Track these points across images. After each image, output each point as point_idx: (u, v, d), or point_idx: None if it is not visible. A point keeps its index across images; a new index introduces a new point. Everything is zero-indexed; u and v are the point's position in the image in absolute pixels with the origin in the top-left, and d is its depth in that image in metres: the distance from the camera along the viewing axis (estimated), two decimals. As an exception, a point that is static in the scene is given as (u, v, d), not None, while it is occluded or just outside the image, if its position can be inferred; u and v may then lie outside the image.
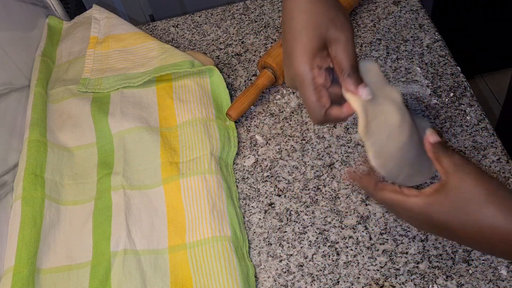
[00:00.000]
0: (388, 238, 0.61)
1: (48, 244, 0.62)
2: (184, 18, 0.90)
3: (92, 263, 0.60)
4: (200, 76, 0.77)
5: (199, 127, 0.70)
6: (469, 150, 0.66)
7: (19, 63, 0.77)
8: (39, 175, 0.65)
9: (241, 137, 0.72)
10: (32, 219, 0.61)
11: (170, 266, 0.60)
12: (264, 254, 0.62)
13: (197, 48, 0.85)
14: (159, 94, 0.75)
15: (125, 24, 0.85)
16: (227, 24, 0.87)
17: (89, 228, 0.63)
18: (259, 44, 0.83)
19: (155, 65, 0.77)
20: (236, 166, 0.70)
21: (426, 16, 0.81)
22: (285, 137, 0.71)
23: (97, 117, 0.73)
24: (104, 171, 0.68)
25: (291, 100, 0.75)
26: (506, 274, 0.57)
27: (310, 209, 0.64)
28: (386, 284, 0.58)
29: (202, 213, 0.62)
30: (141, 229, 0.62)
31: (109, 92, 0.76)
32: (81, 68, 0.80)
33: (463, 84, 0.72)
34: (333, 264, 0.60)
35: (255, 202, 0.66)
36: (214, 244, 0.60)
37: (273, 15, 0.87)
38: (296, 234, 0.63)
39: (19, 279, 0.56)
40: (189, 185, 0.65)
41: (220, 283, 0.57)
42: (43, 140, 0.70)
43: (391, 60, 0.76)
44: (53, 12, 0.91)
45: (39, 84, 0.76)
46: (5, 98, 0.71)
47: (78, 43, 0.85)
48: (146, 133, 0.70)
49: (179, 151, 0.69)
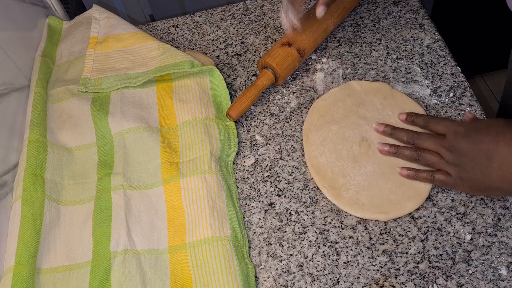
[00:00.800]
0: (388, 238, 0.61)
1: (48, 244, 0.62)
2: (184, 18, 0.90)
3: (92, 263, 0.60)
4: (200, 76, 0.77)
5: (199, 127, 0.70)
6: (469, 150, 0.66)
7: (19, 63, 0.77)
8: (39, 175, 0.65)
9: (241, 137, 0.72)
10: (32, 219, 0.61)
11: (170, 266, 0.60)
12: (264, 254, 0.62)
13: (197, 48, 0.85)
14: (159, 94, 0.75)
15: (125, 24, 0.85)
16: (227, 24, 0.87)
17: (89, 228, 0.63)
18: (259, 44, 0.83)
19: (155, 65, 0.77)
20: (236, 166, 0.70)
21: (426, 16, 0.81)
22: (285, 137, 0.72)
23: (97, 117, 0.73)
24: (104, 171, 0.68)
25: (291, 100, 0.75)
26: (506, 274, 0.57)
27: (310, 209, 0.64)
28: (386, 284, 0.58)
29: (202, 213, 0.62)
30: (141, 229, 0.62)
31: (109, 92, 0.76)
32: (81, 68, 0.80)
33: (463, 84, 0.72)
34: (333, 264, 0.60)
35: (255, 202, 0.66)
36: (214, 244, 0.60)
37: (273, 15, 0.87)
38: (296, 234, 0.63)
39: (19, 279, 0.56)
40: (189, 185, 0.65)
41: (220, 283, 0.57)
42: (43, 140, 0.70)
43: (391, 60, 0.77)
44: (53, 12, 0.91)
45: (39, 84, 0.76)
46: (5, 98, 0.71)
47: (78, 43, 0.85)
48: (146, 133, 0.70)
49: (179, 151, 0.69)
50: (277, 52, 0.74)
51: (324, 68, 0.78)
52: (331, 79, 0.76)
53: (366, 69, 0.76)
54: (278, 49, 0.75)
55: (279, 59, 0.74)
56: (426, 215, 0.62)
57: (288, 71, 0.75)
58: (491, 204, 0.61)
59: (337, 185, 0.64)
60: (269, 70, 0.74)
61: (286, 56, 0.74)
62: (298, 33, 0.76)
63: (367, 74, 0.75)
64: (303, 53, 0.75)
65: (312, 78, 0.77)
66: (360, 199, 0.63)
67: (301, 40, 0.75)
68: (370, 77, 0.75)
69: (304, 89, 0.76)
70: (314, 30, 0.76)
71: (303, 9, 0.74)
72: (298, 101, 0.75)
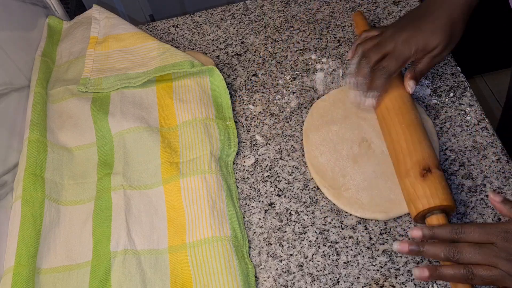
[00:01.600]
0: (388, 238, 0.61)
1: (48, 244, 0.62)
2: (184, 18, 0.90)
3: (92, 263, 0.60)
4: (200, 76, 0.77)
5: (199, 127, 0.70)
6: (469, 150, 0.66)
7: (19, 63, 0.77)
8: (39, 175, 0.65)
9: (241, 137, 0.72)
10: (32, 219, 0.61)
11: (170, 266, 0.60)
12: (264, 254, 0.62)
13: (197, 48, 0.85)
14: (159, 94, 0.75)
15: (125, 24, 0.85)
16: (227, 24, 0.87)
17: (89, 228, 0.63)
18: (259, 44, 0.83)
19: (155, 65, 0.77)
20: (236, 166, 0.70)
21: (426, 16, 0.81)
22: (285, 137, 0.72)
23: (97, 117, 0.73)
24: (104, 171, 0.68)
25: (291, 100, 0.75)
26: (506, 274, 0.57)
27: (310, 209, 0.64)
28: (386, 284, 0.58)
29: (202, 213, 0.62)
30: (141, 229, 0.62)
31: (109, 92, 0.76)
32: (81, 68, 0.80)
33: (463, 84, 0.72)
34: (333, 264, 0.60)
35: (255, 202, 0.66)
36: (214, 244, 0.60)
37: (273, 15, 0.87)
38: (296, 234, 0.63)
39: (19, 279, 0.56)
40: (189, 185, 0.65)
41: (220, 283, 0.57)
42: (43, 140, 0.70)
43: (391, 60, 0.76)
44: (53, 12, 0.91)
45: (39, 84, 0.76)
46: (5, 98, 0.71)
47: (78, 43, 0.85)
48: (146, 133, 0.70)
49: (179, 151, 0.69)
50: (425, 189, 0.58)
51: (324, 68, 0.78)
52: (331, 79, 0.76)
53: (366, 69, 0.76)
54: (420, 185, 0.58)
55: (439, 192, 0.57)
56: (426, 215, 0.62)
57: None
58: (491, 204, 0.61)
59: (337, 185, 0.64)
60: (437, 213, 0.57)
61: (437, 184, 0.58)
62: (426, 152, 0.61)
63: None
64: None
65: (312, 78, 0.77)
66: (360, 198, 0.63)
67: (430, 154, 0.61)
68: (370, 77, 0.75)
69: (304, 89, 0.76)
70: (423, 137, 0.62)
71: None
72: (298, 101, 0.75)
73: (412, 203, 0.58)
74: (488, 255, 0.49)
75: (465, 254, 0.50)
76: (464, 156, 0.65)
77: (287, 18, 0.86)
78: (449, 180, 0.64)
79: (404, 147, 0.61)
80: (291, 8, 0.87)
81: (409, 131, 0.61)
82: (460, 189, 0.63)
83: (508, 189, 0.62)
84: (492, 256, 0.49)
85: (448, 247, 0.51)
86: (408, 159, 0.60)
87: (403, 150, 0.60)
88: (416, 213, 0.57)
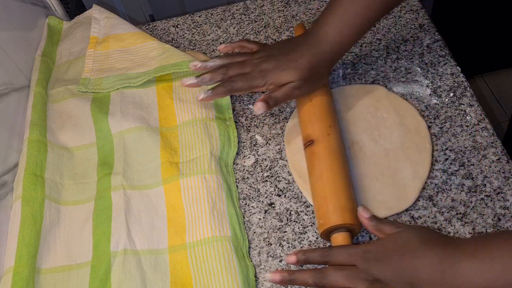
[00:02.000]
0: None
1: (48, 244, 0.62)
2: (184, 18, 0.90)
3: (92, 263, 0.60)
4: (200, 76, 0.77)
5: (199, 127, 0.70)
6: (469, 150, 0.66)
7: (19, 63, 0.77)
8: (39, 175, 0.65)
9: (241, 137, 0.73)
10: (32, 219, 0.61)
11: (170, 266, 0.60)
12: (264, 254, 0.62)
13: (197, 48, 0.85)
14: (159, 94, 0.75)
15: (125, 24, 0.85)
16: (227, 24, 0.87)
17: (89, 228, 0.63)
18: (259, 44, 0.83)
19: (155, 65, 0.77)
20: (236, 166, 0.70)
21: (426, 16, 0.81)
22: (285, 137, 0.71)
23: (97, 117, 0.73)
24: (104, 171, 0.68)
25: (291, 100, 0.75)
26: (506, 274, 0.57)
27: (310, 209, 0.64)
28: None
29: (202, 213, 0.62)
30: (141, 229, 0.62)
31: (109, 92, 0.76)
32: (81, 68, 0.80)
33: (463, 84, 0.72)
34: (333, 264, 0.60)
35: (255, 202, 0.66)
36: (214, 244, 0.60)
37: (273, 15, 0.87)
38: (296, 234, 0.63)
39: (19, 279, 0.56)
40: (189, 185, 0.65)
41: (220, 283, 0.57)
42: (43, 140, 0.70)
43: (391, 60, 0.76)
44: (53, 12, 0.91)
45: (39, 84, 0.76)
46: (5, 98, 0.71)
47: (78, 43, 0.85)
48: (146, 133, 0.70)
49: (179, 151, 0.69)
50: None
51: (324, 68, 0.78)
52: (331, 79, 0.76)
53: (366, 69, 0.76)
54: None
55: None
56: (426, 215, 0.62)
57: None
58: (491, 204, 0.61)
59: None
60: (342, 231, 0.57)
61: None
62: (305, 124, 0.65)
63: (367, 74, 0.75)
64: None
65: (312, 78, 0.77)
66: None
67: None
68: (370, 77, 0.75)
69: (304, 89, 0.76)
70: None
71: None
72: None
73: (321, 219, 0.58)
74: (350, 277, 0.50)
75: (330, 278, 0.51)
76: (464, 156, 0.65)
77: (287, 18, 0.86)
78: (449, 180, 0.64)
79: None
80: (291, 8, 0.87)
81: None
82: (460, 189, 0.63)
83: (508, 189, 0.62)
84: (353, 277, 0.50)
85: (315, 272, 0.52)
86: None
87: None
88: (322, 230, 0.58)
